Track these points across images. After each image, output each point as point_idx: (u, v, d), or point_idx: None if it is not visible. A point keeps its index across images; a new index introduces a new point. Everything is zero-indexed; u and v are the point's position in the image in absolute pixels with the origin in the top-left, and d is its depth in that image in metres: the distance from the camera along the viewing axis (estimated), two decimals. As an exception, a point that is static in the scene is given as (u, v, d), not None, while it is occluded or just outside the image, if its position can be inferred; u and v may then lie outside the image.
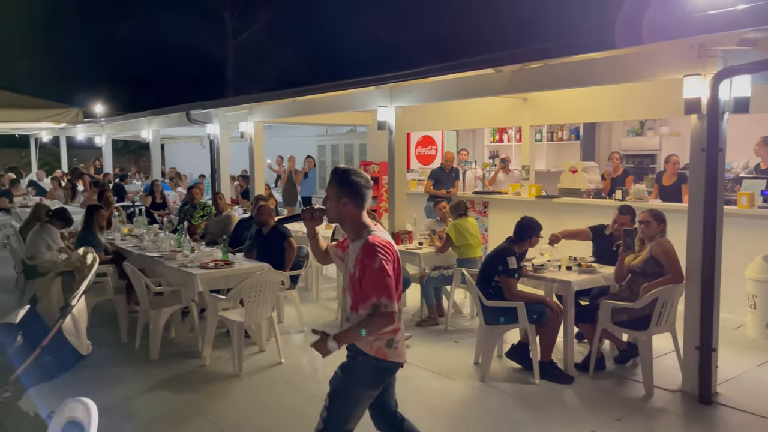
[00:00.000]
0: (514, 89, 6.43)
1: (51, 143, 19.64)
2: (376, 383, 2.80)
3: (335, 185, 2.76)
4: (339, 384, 2.79)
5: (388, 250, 2.67)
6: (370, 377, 2.77)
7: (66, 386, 3.54)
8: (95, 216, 6.42)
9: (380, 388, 2.83)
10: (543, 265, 5.28)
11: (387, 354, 2.73)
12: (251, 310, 5.08)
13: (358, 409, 2.78)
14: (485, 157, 11.78)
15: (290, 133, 15.95)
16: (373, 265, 2.60)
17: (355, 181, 2.73)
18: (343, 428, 2.75)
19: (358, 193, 2.73)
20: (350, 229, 2.80)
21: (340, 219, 2.79)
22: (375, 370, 2.75)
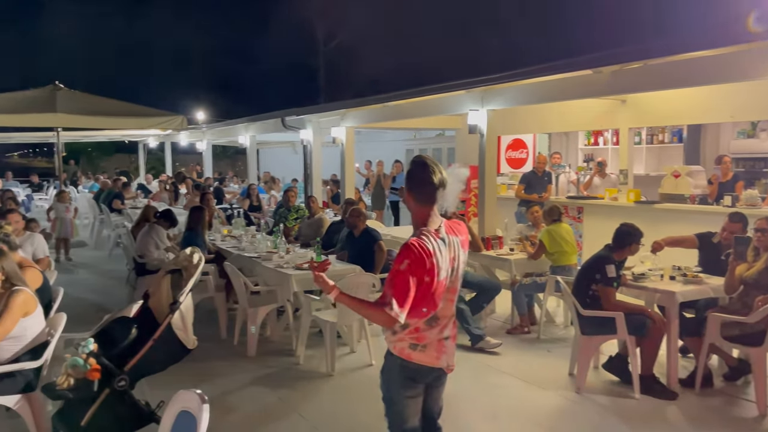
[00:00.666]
0: (613, 90, 6.19)
1: (157, 149, 20.94)
2: (409, 384, 2.72)
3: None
4: (382, 387, 2.83)
5: (423, 256, 2.51)
6: (399, 377, 2.72)
7: (172, 378, 3.77)
8: (199, 217, 6.78)
9: (417, 388, 2.74)
10: (644, 274, 5.03)
11: (411, 356, 2.67)
12: (344, 311, 5.17)
13: (406, 408, 2.74)
14: (579, 161, 11.38)
15: (379, 137, 16.15)
16: (398, 265, 2.53)
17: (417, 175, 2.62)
18: (403, 428, 2.77)
19: (418, 189, 2.62)
20: (413, 225, 2.72)
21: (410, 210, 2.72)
22: (402, 369, 2.70)
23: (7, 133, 16.77)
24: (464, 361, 5.42)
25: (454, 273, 2.67)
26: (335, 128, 10.42)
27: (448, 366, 2.77)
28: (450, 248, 2.64)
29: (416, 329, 2.65)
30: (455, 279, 2.70)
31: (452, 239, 2.67)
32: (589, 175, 9.48)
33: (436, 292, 2.60)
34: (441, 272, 2.58)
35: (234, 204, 12.53)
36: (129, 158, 29.27)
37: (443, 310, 2.68)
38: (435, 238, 2.59)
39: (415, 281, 2.51)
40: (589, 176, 9.46)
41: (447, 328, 2.73)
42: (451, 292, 2.70)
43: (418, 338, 2.66)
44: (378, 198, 13.54)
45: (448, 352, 2.75)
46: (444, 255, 2.60)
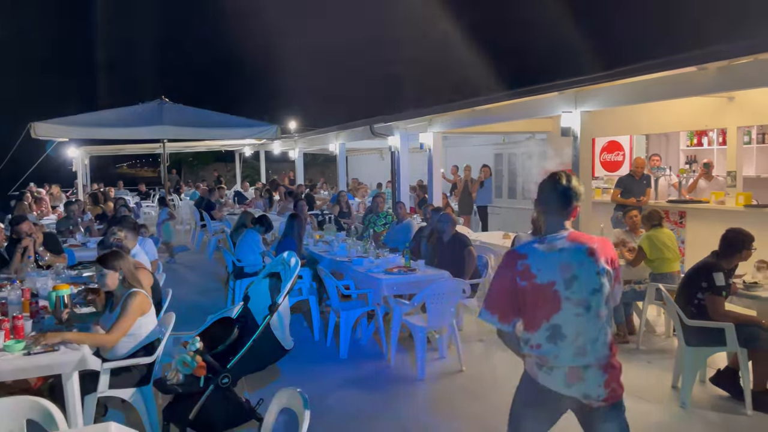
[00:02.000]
0: (719, 88, 5.83)
1: (252, 157, 21.85)
2: (533, 402, 2.58)
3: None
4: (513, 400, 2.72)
5: (512, 259, 2.54)
6: (526, 391, 2.62)
7: (271, 377, 3.92)
8: (295, 224, 7.02)
9: (539, 410, 2.57)
10: (757, 282, 4.69)
11: (537, 375, 2.53)
12: (434, 316, 5.18)
13: (522, 422, 2.62)
14: (681, 163, 10.76)
15: (466, 142, 16.03)
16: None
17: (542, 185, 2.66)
18: None
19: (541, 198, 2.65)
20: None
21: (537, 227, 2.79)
22: (531, 384, 2.57)
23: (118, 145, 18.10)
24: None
25: (574, 284, 2.47)
26: (423, 134, 10.46)
27: (587, 397, 2.48)
28: (561, 254, 2.50)
29: (538, 346, 2.52)
30: (578, 290, 2.47)
31: (572, 245, 2.53)
32: (694, 178, 8.95)
33: (546, 297, 2.47)
34: (540, 276, 2.47)
35: (325, 210, 12.86)
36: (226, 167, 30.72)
37: (569, 326, 2.46)
38: (536, 243, 2.56)
39: (502, 283, 2.54)
40: (694, 179, 8.94)
41: (586, 354, 2.47)
42: (576, 304, 2.47)
43: (542, 359, 2.51)
44: (465, 203, 13.43)
45: (587, 382, 2.47)
46: (548, 259, 2.49)
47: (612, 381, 2.50)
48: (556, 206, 2.57)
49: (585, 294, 2.48)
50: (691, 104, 7.70)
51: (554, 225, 2.58)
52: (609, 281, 2.53)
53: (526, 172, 12.76)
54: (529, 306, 2.51)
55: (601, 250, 2.55)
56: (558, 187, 2.57)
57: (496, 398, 4.69)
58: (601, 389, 2.48)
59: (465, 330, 6.43)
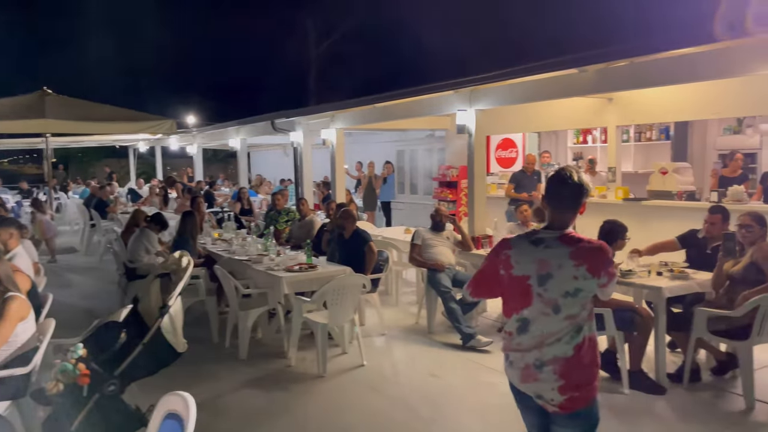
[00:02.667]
0: (598, 89, 6.25)
1: (147, 153, 20.89)
2: (513, 394, 2.62)
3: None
4: None
5: (499, 247, 2.62)
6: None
7: (164, 382, 3.77)
8: (190, 222, 6.77)
9: (517, 403, 2.62)
10: (631, 270, 5.07)
11: (506, 368, 2.61)
12: (335, 312, 5.19)
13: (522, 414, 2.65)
14: (569, 159, 11.46)
15: (369, 139, 16.17)
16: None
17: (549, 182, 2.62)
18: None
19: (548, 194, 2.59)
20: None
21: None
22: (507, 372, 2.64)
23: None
24: (455, 360, 5.46)
25: (547, 282, 2.42)
26: (325, 130, 10.43)
27: (540, 397, 2.46)
28: (543, 252, 2.45)
29: (510, 333, 2.54)
30: (550, 288, 2.42)
31: (555, 246, 2.45)
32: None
33: (519, 289, 2.48)
34: (517, 268, 2.48)
35: (225, 207, 12.52)
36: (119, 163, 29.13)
37: (536, 321, 2.44)
38: (525, 237, 2.55)
39: (486, 266, 2.66)
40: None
41: (543, 354, 2.43)
42: (545, 302, 2.42)
43: (508, 346, 2.55)
44: (369, 199, 13.56)
45: (540, 382, 2.44)
46: (527, 253, 2.48)
47: (570, 389, 2.41)
48: (558, 202, 2.51)
49: (556, 295, 2.41)
50: (576, 104, 8.19)
51: (554, 220, 2.51)
52: (591, 288, 2.42)
53: (427, 168, 13.07)
54: (506, 294, 2.57)
55: (591, 256, 2.42)
56: (564, 183, 2.49)
57: (397, 391, 4.79)
58: (556, 393, 2.42)
59: (367, 325, 6.49)
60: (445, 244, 6.53)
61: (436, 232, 6.60)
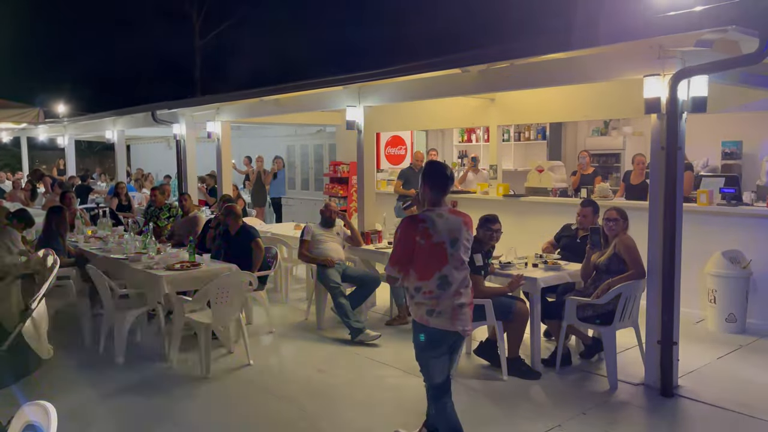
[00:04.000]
0: (480, 89, 6.49)
1: (12, 144, 19.11)
2: (432, 346, 3.29)
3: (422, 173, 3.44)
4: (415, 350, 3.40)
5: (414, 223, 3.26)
6: (422, 341, 3.30)
7: (28, 391, 3.46)
8: (57, 218, 6.27)
9: (439, 349, 3.30)
10: (510, 262, 5.34)
11: (429, 321, 3.24)
12: (219, 311, 5.02)
13: (432, 367, 3.34)
14: (454, 157, 11.86)
15: (259, 133, 15.81)
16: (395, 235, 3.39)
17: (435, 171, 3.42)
18: (433, 383, 3.38)
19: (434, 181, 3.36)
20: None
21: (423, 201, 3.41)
22: (424, 334, 3.27)
23: None
24: (344, 355, 5.47)
25: (456, 244, 3.27)
26: (210, 123, 10.06)
27: (464, 330, 3.31)
28: (447, 221, 3.28)
29: (430, 292, 3.24)
30: (459, 249, 3.29)
31: (453, 217, 3.33)
32: (464, 171, 9.91)
33: (437, 253, 3.23)
34: (436, 236, 3.22)
35: (101, 203, 11.73)
36: (-22, 154, 26.43)
37: (453, 276, 3.25)
38: (430, 212, 3.29)
39: (405, 243, 3.25)
40: (464, 172, 9.89)
41: (461, 296, 3.28)
42: (458, 260, 3.28)
43: (433, 304, 3.23)
44: (258, 195, 13.26)
45: (463, 319, 3.29)
46: (439, 224, 3.24)
47: (472, 320, 3.43)
48: (441, 186, 3.34)
49: (461, 252, 3.31)
50: (461, 104, 8.48)
51: (438, 200, 3.33)
52: (470, 244, 3.41)
53: (318, 164, 13.00)
54: (424, 260, 3.24)
55: (469, 223, 3.41)
56: (444, 171, 3.39)
57: (284, 389, 4.72)
58: (470, 323, 3.38)
59: (254, 323, 6.35)
60: (335, 239, 6.53)
61: (326, 228, 6.58)
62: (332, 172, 11.73)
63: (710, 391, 4.52)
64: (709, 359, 5.17)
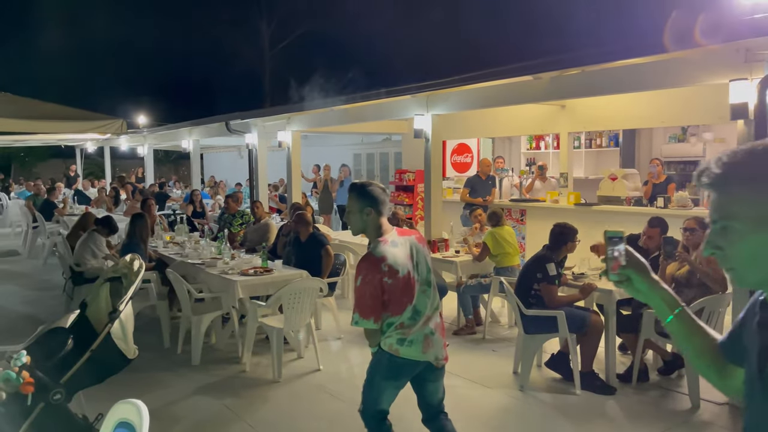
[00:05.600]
0: (552, 96, 6.39)
1: (96, 153, 20.24)
2: (396, 376, 3.04)
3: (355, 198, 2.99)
4: (367, 372, 3.11)
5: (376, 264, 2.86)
6: (385, 369, 3.02)
7: (113, 389, 3.65)
8: (140, 224, 6.59)
9: (399, 380, 3.05)
10: (584, 273, 5.20)
11: (399, 351, 2.95)
12: (290, 316, 5.13)
13: (382, 394, 3.08)
14: (522, 165, 11.67)
15: (326, 142, 16.12)
16: (355, 282, 2.95)
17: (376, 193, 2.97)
18: (373, 409, 3.10)
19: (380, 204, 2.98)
20: (370, 238, 3.01)
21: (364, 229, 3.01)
22: (390, 363, 2.98)
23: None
24: (412, 364, 5.46)
25: (417, 267, 2.98)
26: (281, 132, 10.33)
27: (437, 359, 3.03)
28: (403, 248, 2.96)
29: (401, 324, 2.94)
30: (423, 270, 3.00)
31: (404, 239, 3.01)
32: (531, 179, 9.74)
33: (406, 286, 2.92)
34: (401, 269, 2.89)
35: (177, 210, 12.24)
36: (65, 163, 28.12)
37: (421, 304, 2.97)
38: (385, 244, 2.91)
39: (373, 289, 2.86)
40: (531, 180, 9.72)
41: (431, 322, 3.01)
42: (424, 283, 3.00)
43: (405, 333, 2.95)
44: (325, 202, 13.49)
45: (435, 346, 3.02)
46: (399, 254, 2.91)
47: (444, 343, 3.10)
48: (383, 206, 2.97)
49: (425, 273, 3.03)
50: (530, 111, 8.35)
51: (384, 225, 2.98)
52: (429, 257, 3.11)
53: (384, 172, 13.09)
54: (395, 298, 2.91)
55: (420, 237, 3.14)
56: (372, 190, 2.96)
57: (354, 395, 4.74)
58: (442, 350, 3.07)
59: (323, 329, 6.45)
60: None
61: (393, 236, 6.61)
62: (398, 180, 11.78)
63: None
64: (800, 380, 4.84)
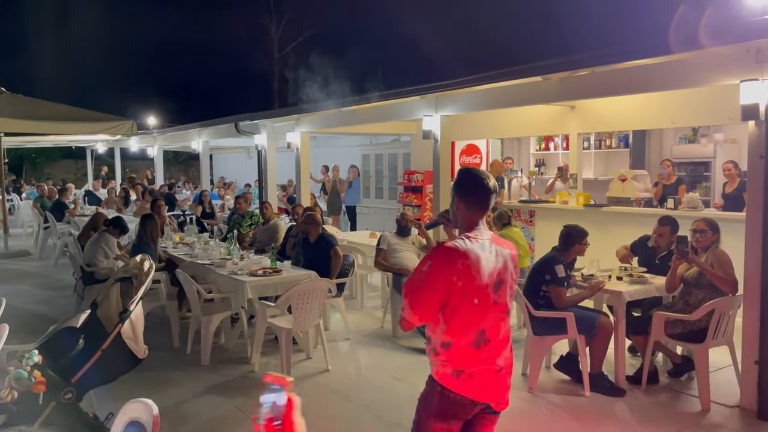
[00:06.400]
0: (561, 97, 6.36)
1: (106, 154, 20.39)
2: (444, 415, 2.38)
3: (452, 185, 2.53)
4: (416, 410, 2.48)
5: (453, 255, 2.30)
6: (435, 405, 2.39)
7: (124, 389, 3.68)
8: (150, 225, 6.63)
9: (450, 422, 2.38)
10: (593, 275, 5.18)
11: (454, 384, 2.35)
12: (299, 317, 5.15)
13: None
14: (531, 166, 11.64)
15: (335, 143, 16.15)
16: (420, 267, 2.35)
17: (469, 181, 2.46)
18: None
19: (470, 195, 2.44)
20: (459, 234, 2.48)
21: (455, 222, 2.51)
22: (441, 398, 2.38)
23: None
24: (419, 364, 5.46)
25: (501, 286, 2.40)
26: (290, 133, 10.36)
27: (498, 403, 2.41)
28: (496, 257, 2.39)
29: (463, 350, 2.34)
30: (503, 294, 2.41)
31: (498, 250, 2.41)
32: (552, 180, 9.70)
33: (480, 303, 2.32)
34: (479, 278, 2.31)
35: (186, 211, 12.30)
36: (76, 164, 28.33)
37: (493, 330, 2.36)
38: (472, 241, 2.35)
39: (436, 283, 2.28)
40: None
41: (500, 356, 2.39)
42: (500, 309, 2.40)
43: (463, 363, 2.34)
44: (334, 203, 13.52)
45: (499, 387, 2.40)
46: (484, 260, 2.33)
47: (510, 383, 2.47)
48: (480, 203, 2.43)
49: (507, 299, 2.43)
50: (539, 111, 8.32)
51: (476, 222, 2.42)
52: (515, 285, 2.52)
53: (392, 173, 13.09)
54: (460, 309, 2.31)
55: (516, 255, 2.54)
56: (482, 181, 2.42)
57: (362, 396, 4.77)
58: (506, 395, 2.45)
59: (332, 329, 6.46)
60: (410, 248, 6.55)
61: (402, 237, 6.62)
62: (406, 181, 11.78)
63: (815, 417, 4.20)
64: (813, 383, 4.80)
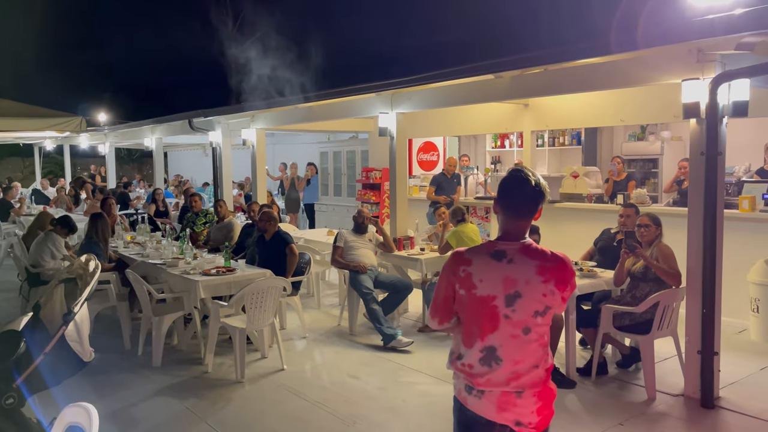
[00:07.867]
0: (514, 95, 6.45)
1: (55, 152, 19.73)
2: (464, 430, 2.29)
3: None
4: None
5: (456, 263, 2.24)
6: (456, 421, 2.32)
7: (69, 393, 3.56)
8: (98, 224, 6.45)
9: None
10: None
11: (467, 400, 2.24)
12: (253, 316, 5.09)
13: None
14: (487, 163, 11.79)
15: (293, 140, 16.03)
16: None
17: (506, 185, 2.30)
18: None
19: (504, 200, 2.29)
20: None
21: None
22: (460, 413, 2.28)
23: None
24: (376, 361, 5.48)
25: (515, 302, 2.17)
26: (245, 130, 10.22)
27: (518, 423, 2.21)
28: (516, 268, 2.18)
29: (470, 365, 2.22)
30: (521, 309, 2.17)
31: (520, 259, 2.20)
32: (497, 177, 9.84)
33: (483, 313, 2.19)
34: (480, 287, 2.18)
35: (139, 209, 12.02)
36: (23, 162, 27.32)
37: (506, 349, 2.18)
38: (486, 249, 2.24)
39: (445, 289, 2.25)
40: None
41: (520, 380, 2.19)
42: (515, 325, 2.18)
43: (473, 380, 2.21)
44: (292, 201, 13.41)
45: (518, 410, 2.20)
46: (491, 269, 2.19)
47: (545, 408, 2.25)
48: (516, 208, 2.25)
49: (526, 315, 2.18)
50: (494, 109, 8.44)
51: (510, 229, 2.25)
52: (557, 304, 2.23)
53: (350, 170, 13.07)
54: (465, 318, 2.23)
55: (556, 269, 2.21)
56: (523, 185, 2.23)
57: (317, 394, 4.75)
58: (534, 416, 2.23)
59: (287, 328, 6.41)
60: (367, 245, 6.56)
61: (359, 234, 6.61)
62: (365, 179, 11.78)
63: (753, 403, 4.38)
64: (751, 370, 5.02)
